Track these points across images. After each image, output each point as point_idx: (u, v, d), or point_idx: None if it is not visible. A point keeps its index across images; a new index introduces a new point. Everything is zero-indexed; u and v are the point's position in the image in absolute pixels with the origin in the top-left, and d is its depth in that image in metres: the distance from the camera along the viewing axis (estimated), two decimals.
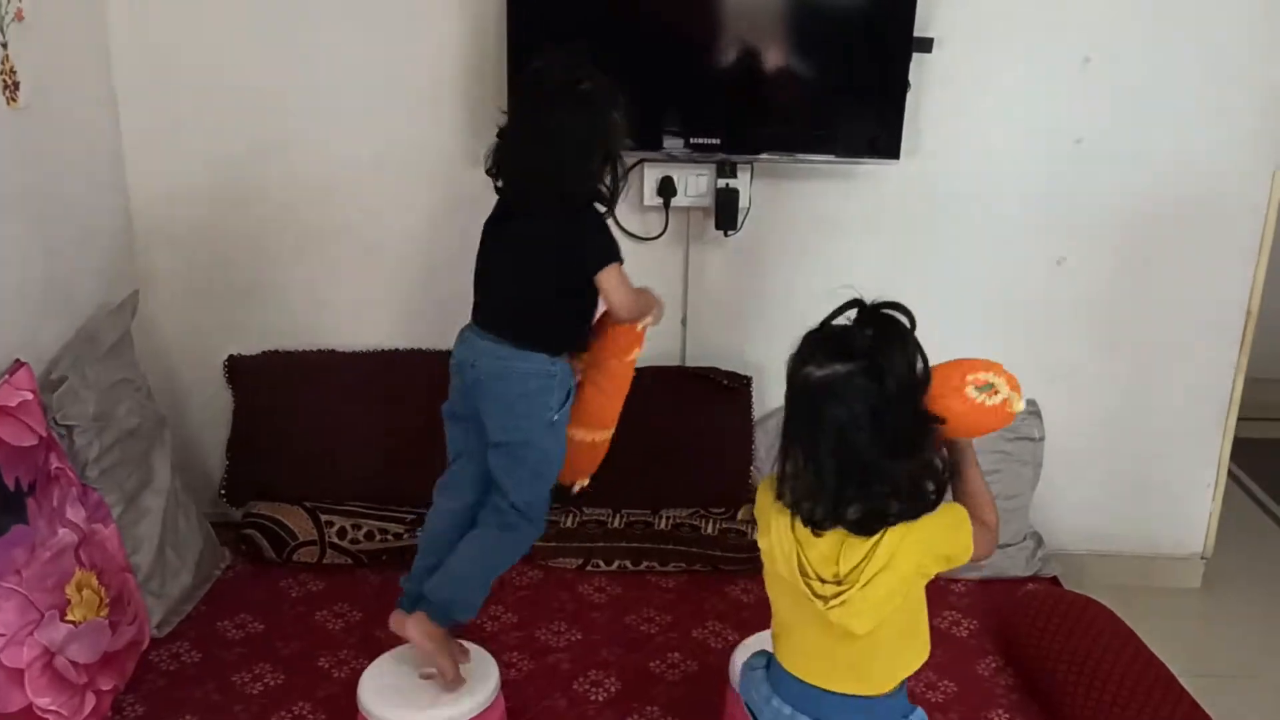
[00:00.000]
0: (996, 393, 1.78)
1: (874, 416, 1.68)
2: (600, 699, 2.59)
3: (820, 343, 1.75)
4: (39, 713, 2.19)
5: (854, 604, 1.76)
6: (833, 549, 1.77)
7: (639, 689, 2.62)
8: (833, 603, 1.77)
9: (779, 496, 1.81)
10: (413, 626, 2.31)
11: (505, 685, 2.51)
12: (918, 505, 1.74)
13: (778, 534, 1.83)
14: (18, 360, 2.39)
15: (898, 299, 1.83)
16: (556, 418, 2.34)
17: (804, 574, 1.79)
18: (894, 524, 1.73)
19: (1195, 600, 3.39)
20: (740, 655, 2.36)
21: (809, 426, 1.73)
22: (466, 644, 2.42)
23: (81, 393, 2.57)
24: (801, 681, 1.88)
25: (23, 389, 2.32)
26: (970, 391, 1.77)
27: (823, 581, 1.78)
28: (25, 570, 2.22)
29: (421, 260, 3.12)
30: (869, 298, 1.79)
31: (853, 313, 1.76)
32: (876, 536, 1.74)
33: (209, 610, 2.86)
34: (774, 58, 2.83)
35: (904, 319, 1.75)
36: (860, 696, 1.86)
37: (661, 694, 2.61)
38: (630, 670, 2.69)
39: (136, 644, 2.55)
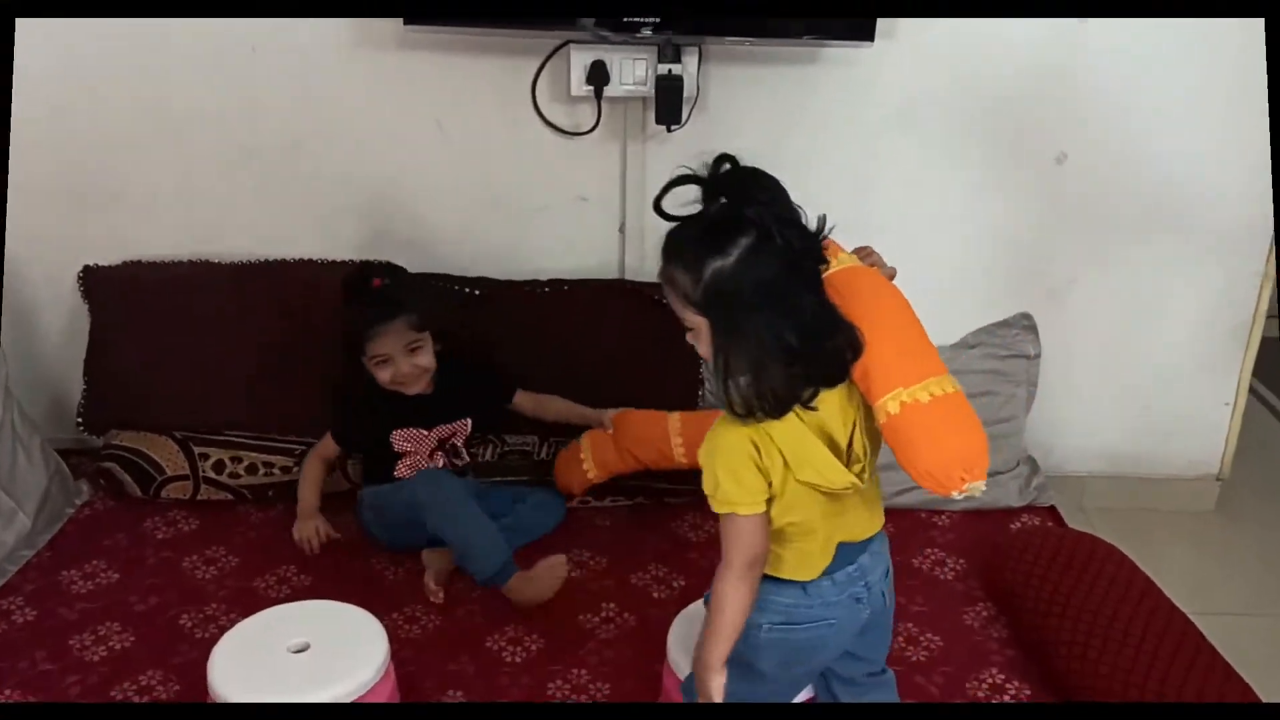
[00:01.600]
0: None
1: (791, 271, 1.57)
2: (517, 660, 2.19)
3: (702, 234, 1.59)
4: None
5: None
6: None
7: (564, 648, 2.22)
8: (865, 477, 1.71)
9: (757, 413, 1.59)
10: None
11: (406, 645, 2.17)
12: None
13: (795, 444, 1.63)
14: None
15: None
16: None
17: (849, 460, 1.69)
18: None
19: (1209, 525, 3.10)
20: (679, 628, 2.00)
21: (753, 316, 1.57)
22: (349, 606, 2.03)
23: None
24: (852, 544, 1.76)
25: None
26: None
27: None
28: None
29: (303, 158, 2.71)
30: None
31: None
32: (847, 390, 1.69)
33: (53, 558, 2.46)
34: None
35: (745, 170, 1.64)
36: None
37: (591, 655, 2.20)
38: (555, 625, 2.28)
39: None
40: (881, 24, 2.50)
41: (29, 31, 2.53)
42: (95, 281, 2.75)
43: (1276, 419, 3.68)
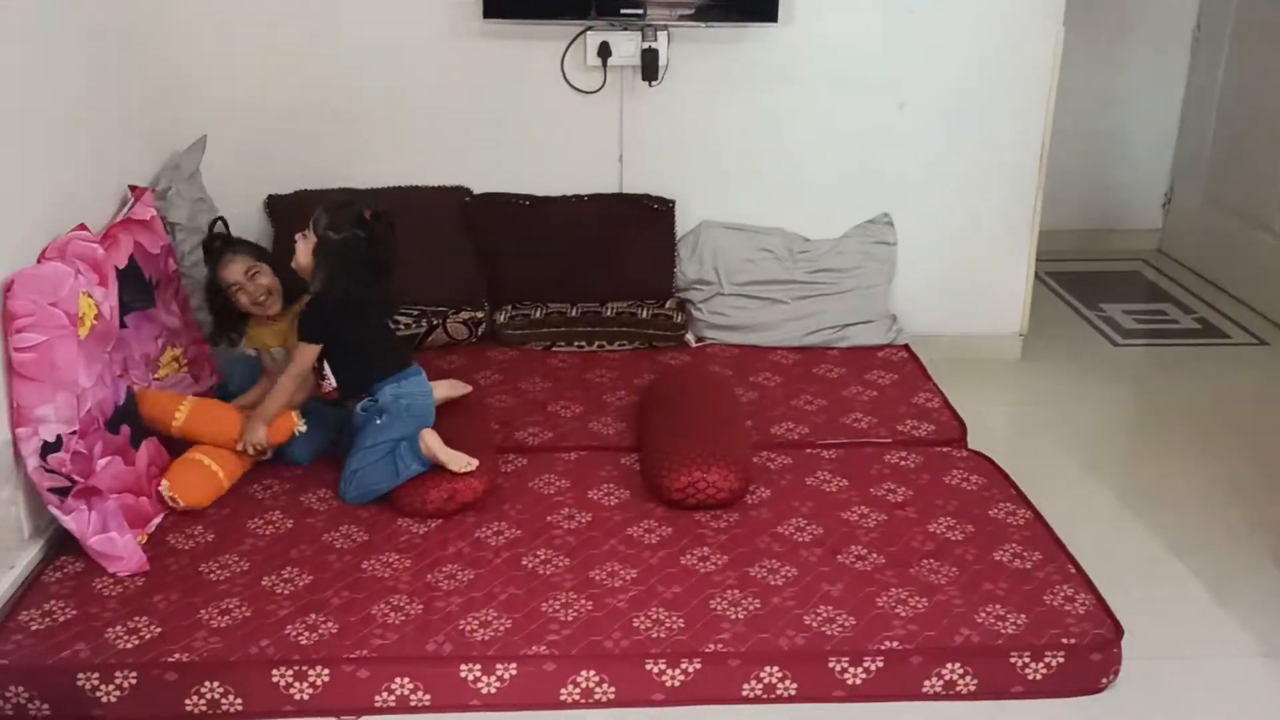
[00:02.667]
0: None
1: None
2: (568, 415, 3.26)
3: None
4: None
5: None
6: None
7: (595, 410, 3.31)
8: None
9: None
10: None
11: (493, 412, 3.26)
12: None
13: None
14: (138, 186, 3.19)
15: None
16: None
17: None
18: None
19: (1016, 369, 4.19)
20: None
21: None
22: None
23: (178, 201, 3.32)
24: None
25: (149, 207, 3.12)
26: None
27: None
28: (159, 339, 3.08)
29: (416, 112, 3.92)
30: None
31: None
32: None
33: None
34: None
35: None
36: None
37: (611, 411, 3.36)
38: (589, 400, 3.36)
39: (214, 388, 3.28)
40: (783, 13, 3.77)
41: (250, 18, 3.76)
42: (276, 206, 3.85)
43: (1056, 295, 4.78)
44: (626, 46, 3.89)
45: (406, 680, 2.32)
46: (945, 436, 3.26)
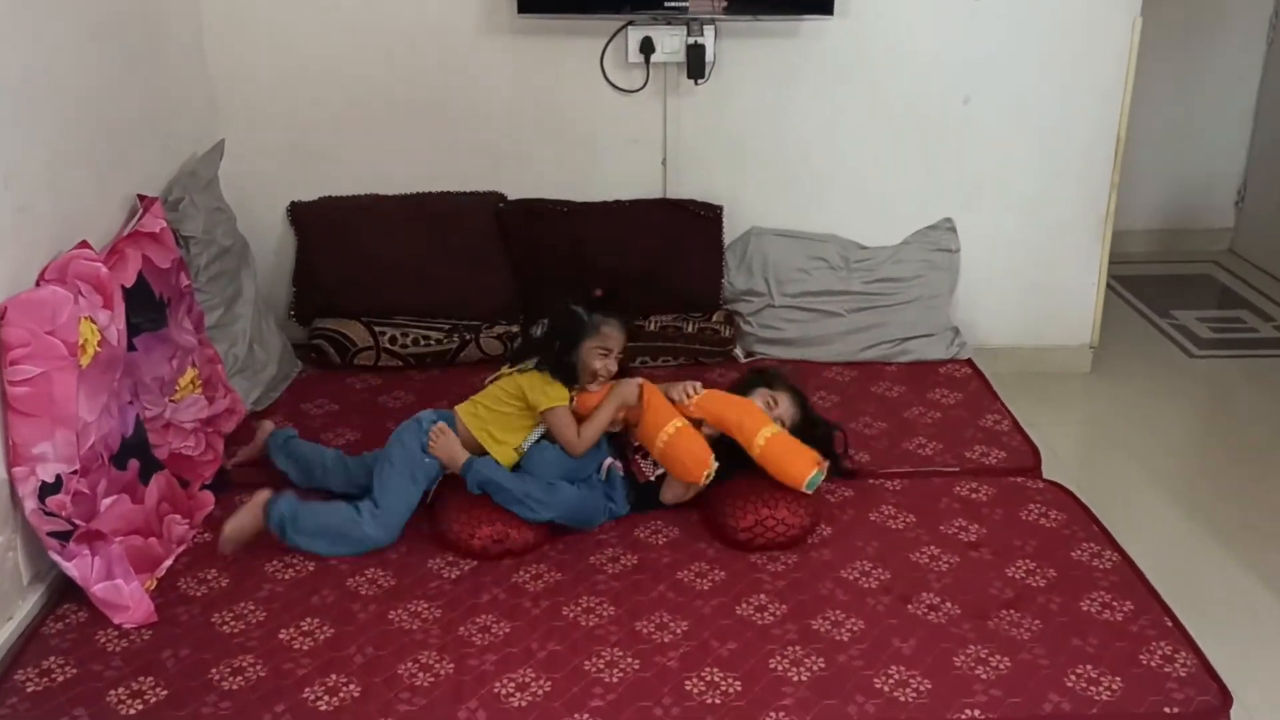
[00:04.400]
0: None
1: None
2: None
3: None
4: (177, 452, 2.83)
5: None
6: None
7: None
8: None
9: None
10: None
11: None
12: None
13: None
14: (146, 196, 2.95)
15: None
16: None
17: None
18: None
19: (1086, 383, 3.96)
20: None
21: None
22: None
23: (192, 211, 3.10)
24: None
25: (159, 218, 2.88)
26: None
27: None
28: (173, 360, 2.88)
29: (445, 116, 3.72)
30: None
31: None
32: None
33: (292, 395, 3.41)
34: None
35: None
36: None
37: None
38: None
39: (232, 411, 3.12)
40: (838, 5, 3.52)
41: (272, 16, 3.56)
42: (300, 212, 3.71)
43: (1124, 300, 4.54)
44: (671, 42, 3.67)
45: None
46: (1018, 464, 3.00)
